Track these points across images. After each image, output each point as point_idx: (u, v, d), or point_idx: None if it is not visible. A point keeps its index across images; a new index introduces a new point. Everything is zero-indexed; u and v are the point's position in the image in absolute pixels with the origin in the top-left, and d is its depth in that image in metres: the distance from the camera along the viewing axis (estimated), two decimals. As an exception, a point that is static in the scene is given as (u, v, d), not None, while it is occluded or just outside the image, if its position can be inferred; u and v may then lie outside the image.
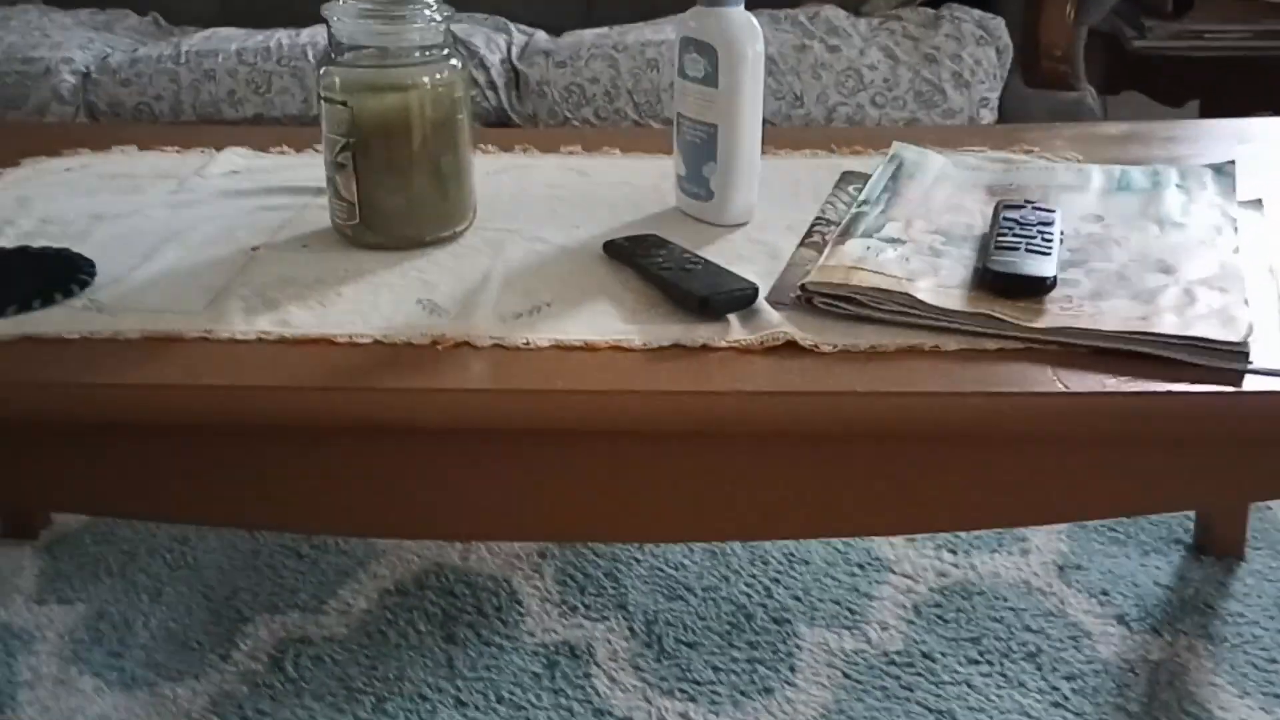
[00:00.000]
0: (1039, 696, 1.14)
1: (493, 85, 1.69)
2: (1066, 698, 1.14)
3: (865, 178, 0.96)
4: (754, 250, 0.87)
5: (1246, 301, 0.72)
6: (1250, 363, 0.67)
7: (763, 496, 0.71)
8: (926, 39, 1.65)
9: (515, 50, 1.74)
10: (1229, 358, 0.67)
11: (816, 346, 0.72)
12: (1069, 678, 1.16)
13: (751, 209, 0.93)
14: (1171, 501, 0.71)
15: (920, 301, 0.74)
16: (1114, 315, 0.72)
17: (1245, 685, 1.15)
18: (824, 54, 1.63)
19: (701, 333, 0.75)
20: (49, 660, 1.22)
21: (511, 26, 1.81)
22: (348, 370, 0.71)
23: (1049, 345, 0.71)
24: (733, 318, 0.76)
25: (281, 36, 1.81)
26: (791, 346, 0.72)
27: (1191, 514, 1.36)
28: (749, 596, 1.30)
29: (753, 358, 0.72)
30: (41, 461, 0.75)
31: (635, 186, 1.02)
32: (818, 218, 0.91)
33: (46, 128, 1.27)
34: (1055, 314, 0.73)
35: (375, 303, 0.80)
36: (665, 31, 1.68)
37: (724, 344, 0.73)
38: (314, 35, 1.81)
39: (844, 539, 1.38)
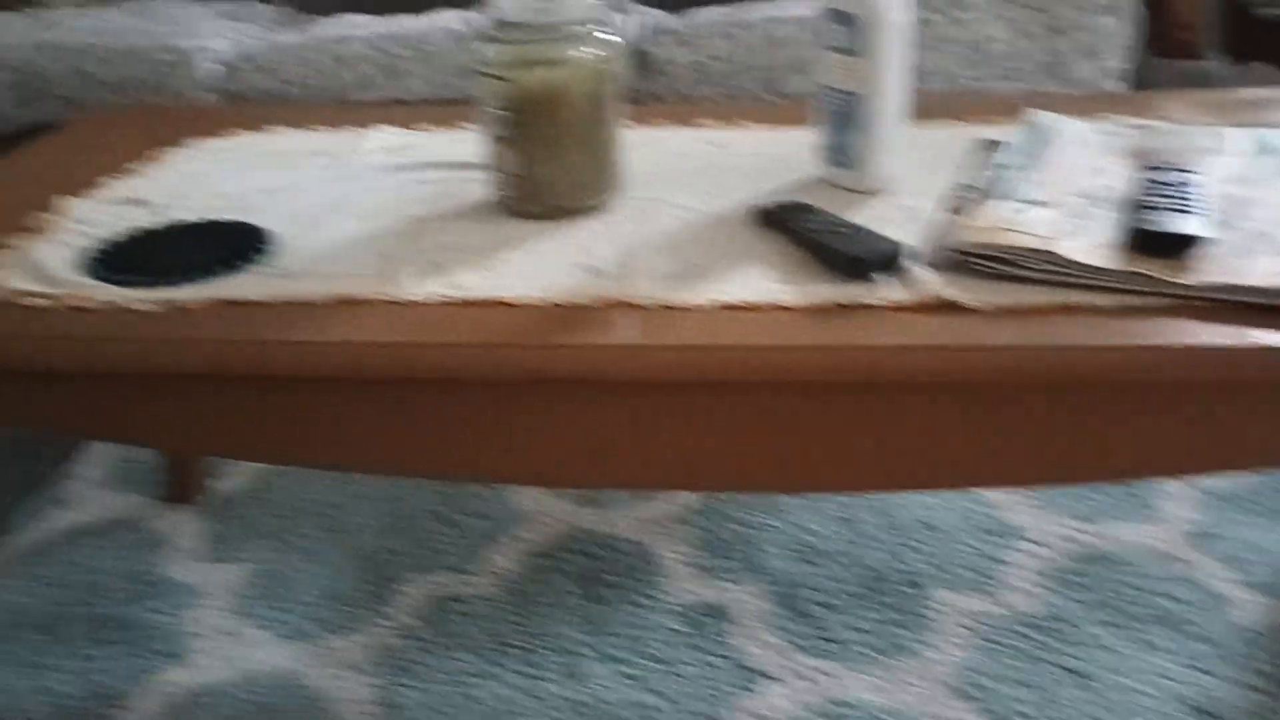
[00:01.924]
0: (1175, 659, 1.15)
1: (618, 66, 1.73)
2: (1203, 660, 1.14)
3: (1002, 144, 0.97)
4: (897, 215, 0.90)
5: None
6: None
7: (921, 449, 0.74)
8: (1052, 10, 1.64)
9: (638, 29, 1.78)
10: (1389, 309, 0.68)
11: (974, 304, 0.74)
12: (1204, 641, 1.16)
13: (893, 176, 0.95)
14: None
15: (1071, 260, 0.75)
16: (1260, 271, 0.73)
17: (1393, 651, 1.13)
18: (947, 28, 1.64)
19: (856, 292, 0.78)
20: (217, 614, 1.30)
21: (632, 5, 1.86)
22: (520, 328, 0.76)
23: (1199, 301, 0.72)
24: (883, 278, 0.79)
25: (408, 22, 1.89)
26: (946, 304, 0.75)
27: (1334, 482, 1.34)
28: (882, 561, 1.32)
29: (910, 315, 0.75)
30: (231, 415, 0.81)
31: (771, 156, 1.05)
32: (958, 183, 0.93)
33: (198, 110, 1.35)
34: (1204, 270, 0.74)
35: (538, 267, 0.85)
36: (788, 8, 1.70)
37: (879, 302, 0.76)
38: (440, 20, 1.88)
39: (976, 505, 1.39)
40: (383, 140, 1.16)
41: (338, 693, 1.17)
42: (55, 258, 0.89)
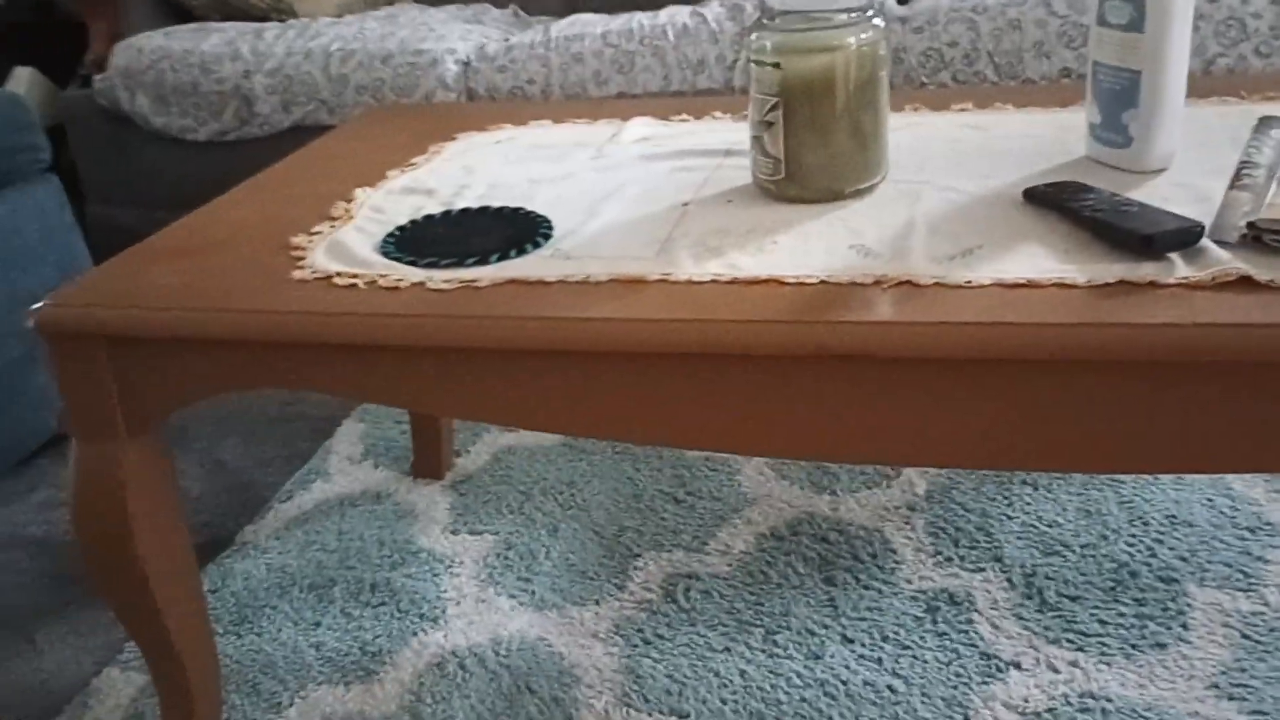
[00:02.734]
0: None
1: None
2: None
3: (1291, 119, 0.93)
4: (1179, 194, 0.87)
5: None
6: None
7: (1222, 429, 0.72)
8: (1317, -20, 1.55)
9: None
10: None
11: (1274, 281, 0.72)
12: None
13: (1172, 154, 0.92)
14: None
15: (1386, 235, 0.72)
16: None
17: None
18: (1203, 3, 1.56)
19: (1145, 270, 0.76)
20: (468, 582, 1.38)
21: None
22: (801, 306, 0.78)
23: None
24: (1175, 257, 0.77)
25: (641, 18, 1.93)
26: (1244, 282, 0.73)
27: None
28: (1131, 555, 1.28)
29: (1204, 293, 0.73)
30: (520, 387, 0.86)
31: (1036, 138, 1.03)
32: (1243, 161, 0.90)
33: (465, 107, 1.43)
34: None
35: (809, 249, 0.87)
36: (1025, -10, 1.66)
37: (1172, 280, 0.74)
38: (671, 15, 1.92)
39: (1231, 500, 1.33)
40: (640, 131, 1.21)
41: (583, 659, 1.22)
42: (359, 242, 0.96)
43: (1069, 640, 1.17)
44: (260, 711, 1.19)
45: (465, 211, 1.02)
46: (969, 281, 0.78)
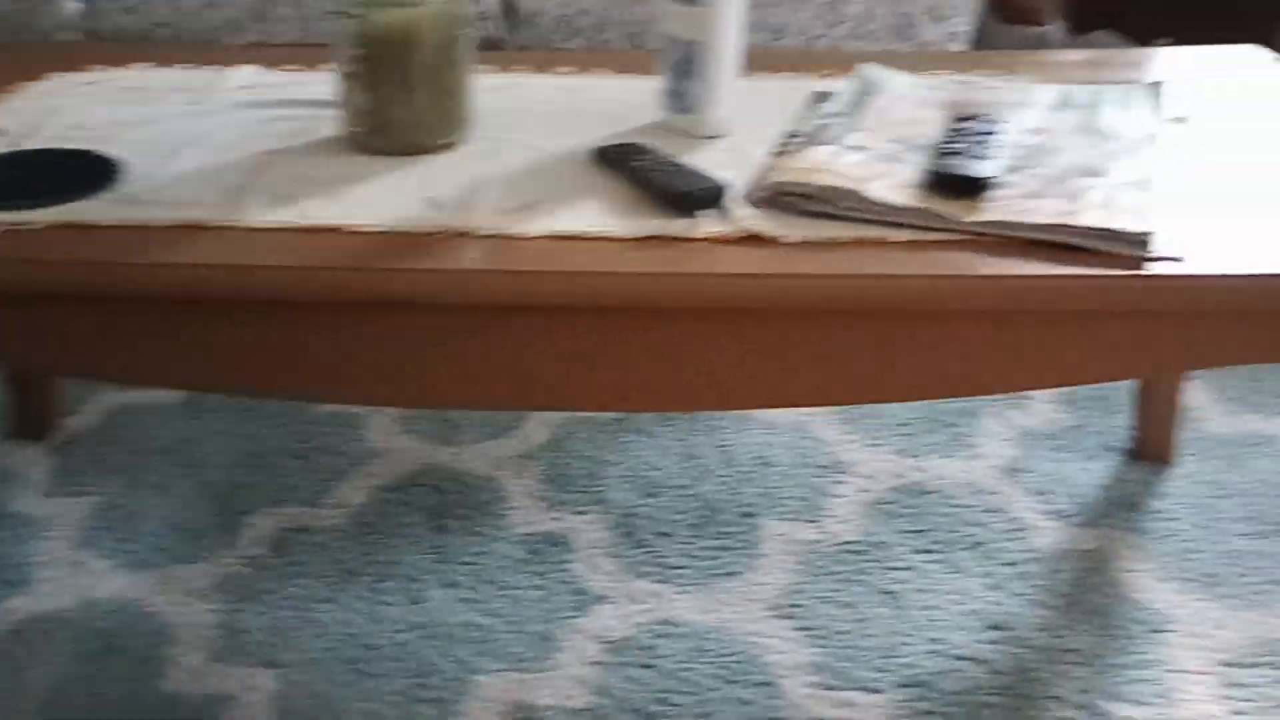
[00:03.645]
0: (979, 580, 1.25)
1: (485, 15, 1.75)
2: (1003, 581, 1.25)
3: (833, 95, 1.04)
4: (729, 158, 0.96)
5: (1154, 201, 0.82)
6: (1151, 250, 0.76)
7: (726, 370, 0.80)
8: (900, -25, 1.72)
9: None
10: (1134, 245, 0.77)
11: (780, 237, 0.81)
12: (1007, 564, 1.27)
13: (729, 122, 1.01)
14: (1084, 374, 0.81)
15: (872, 199, 0.82)
16: (1044, 211, 0.81)
17: (1164, 572, 1.26)
18: (801, -12, 1.70)
19: (678, 226, 0.83)
20: (61, 545, 1.30)
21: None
22: (359, 254, 0.79)
23: (984, 237, 0.80)
24: (706, 214, 0.85)
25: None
26: (757, 238, 0.81)
27: (1129, 423, 1.46)
28: (719, 494, 1.39)
29: (723, 246, 0.81)
30: (81, 335, 0.83)
31: (623, 103, 1.10)
32: (789, 130, 1.00)
33: (62, 46, 1.33)
34: (992, 210, 0.82)
35: (381, 199, 0.88)
36: (649, -36, 1.74)
37: (698, 235, 0.82)
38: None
39: (811, 441, 1.48)
40: (244, 79, 1.17)
41: (177, 618, 1.19)
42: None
43: (654, 574, 1.27)
44: None
45: (30, 152, 0.96)
46: (523, 233, 0.82)
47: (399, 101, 0.94)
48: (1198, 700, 1.10)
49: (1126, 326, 0.78)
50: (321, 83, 1.16)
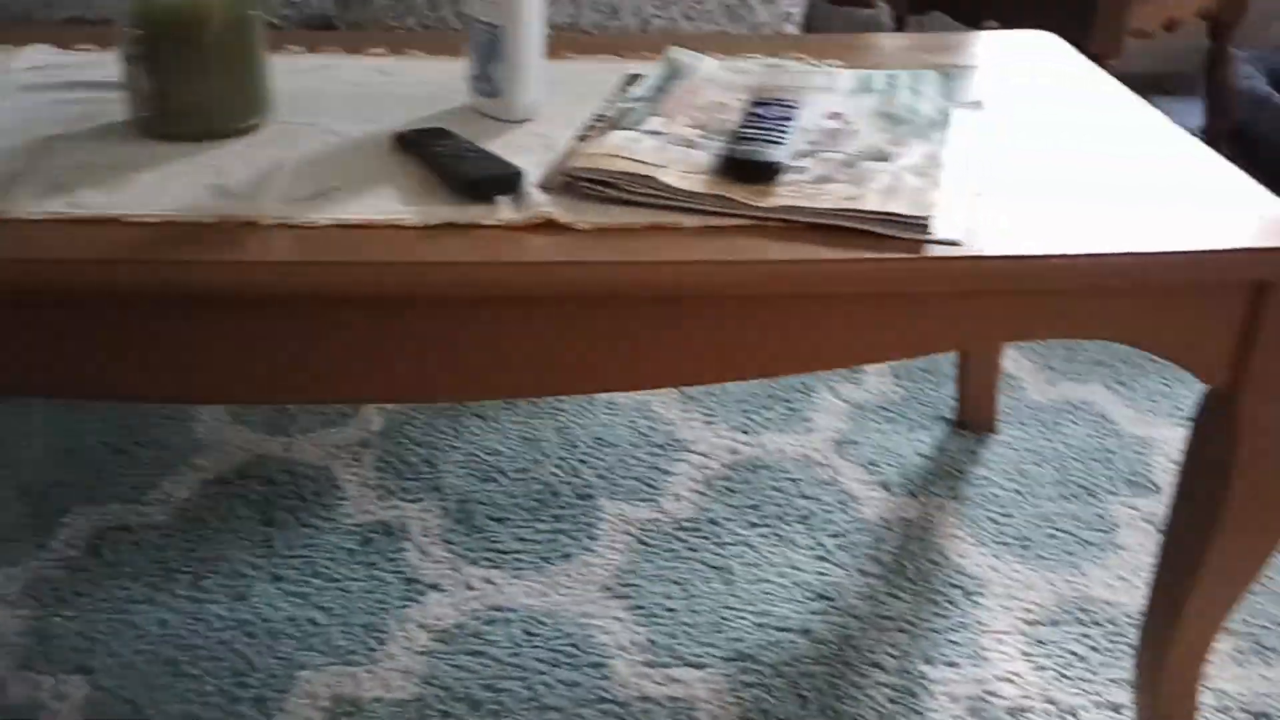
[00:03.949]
0: (807, 552, 1.28)
1: (311, -10, 1.70)
2: (830, 552, 1.28)
3: (641, 78, 1.04)
4: (534, 142, 0.95)
5: (939, 185, 0.84)
6: (931, 234, 0.78)
7: (519, 357, 0.80)
8: (732, -45, 1.73)
9: (335, -44, 1.76)
10: (914, 229, 0.79)
11: (573, 224, 0.81)
12: (834, 535, 1.31)
13: (536, 106, 1.00)
14: (875, 353, 0.83)
15: (665, 185, 0.83)
16: (831, 196, 0.82)
17: (981, 536, 1.31)
18: (635, -33, 1.70)
19: (473, 213, 0.82)
20: None
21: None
22: (134, 245, 0.76)
23: (774, 222, 0.81)
24: (503, 200, 0.84)
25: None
26: (552, 225, 0.81)
27: (956, 394, 1.51)
28: (557, 476, 1.39)
29: (517, 234, 0.80)
30: None
31: (434, 85, 1.08)
32: (596, 114, 0.99)
33: None
34: (782, 195, 0.83)
35: (167, 187, 0.85)
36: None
37: (492, 222, 0.81)
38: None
39: (651, 421, 1.49)
40: (34, 59, 1.11)
41: (-10, 627, 1.14)
42: None
43: (488, 559, 1.26)
44: None
45: None
46: (311, 222, 0.80)
47: (186, 85, 0.91)
48: (1005, 659, 1.15)
49: (913, 306, 0.80)
50: (116, 63, 1.12)
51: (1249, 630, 1.19)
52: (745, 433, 1.48)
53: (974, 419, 1.48)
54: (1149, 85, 2.64)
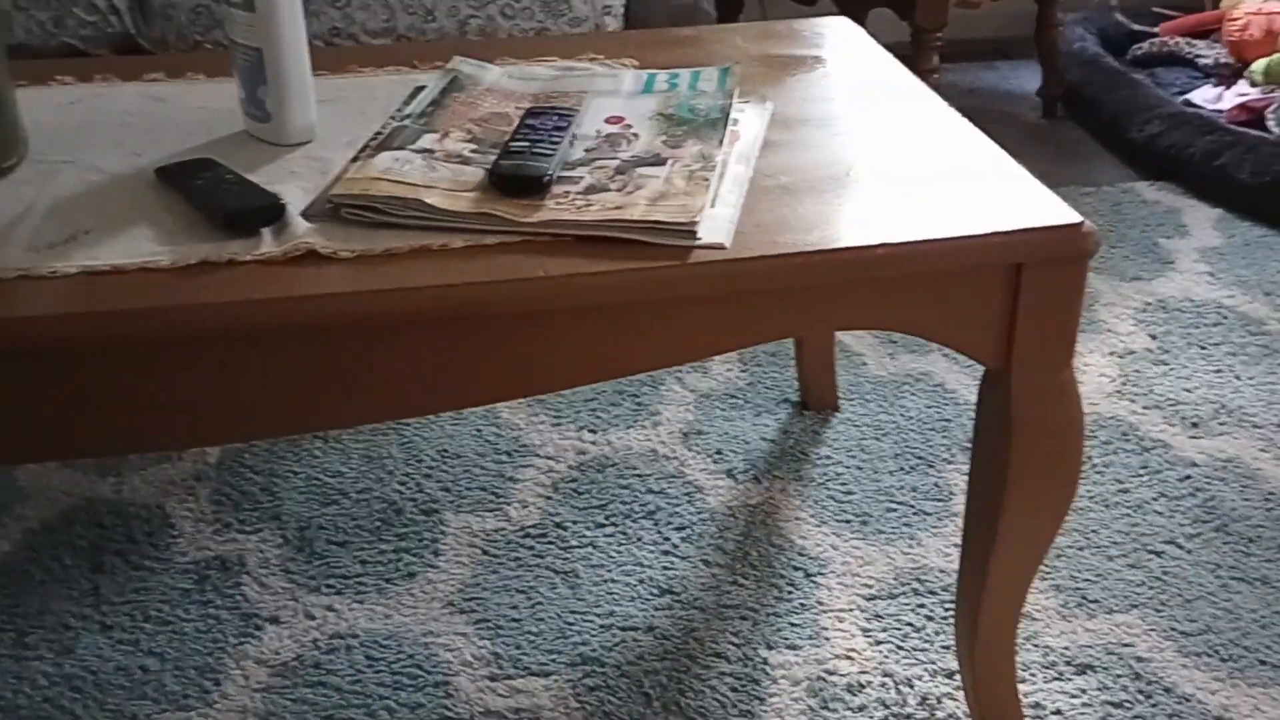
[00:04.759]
0: (652, 548, 1.28)
1: (114, 10, 1.64)
2: (676, 546, 1.29)
3: (421, 93, 1.02)
4: (308, 167, 0.93)
5: (709, 187, 0.84)
6: (696, 239, 0.78)
7: (288, 393, 0.78)
8: (550, -51, 1.72)
9: (137, -28, 1.70)
10: (678, 235, 0.78)
11: (335, 253, 0.79)
12: (680, 529, 1.31)
13: (311, 128, 0.97)
14: (651, 360, 0.83)
15: (430, 206, 0.81)
16: (598, 207, 0.82)
17: (822, 516, 1.32)
18: (452, -34, 1.67)
19: (233, 248, 0.80)
20: None
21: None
22: None
23: (542, 237, 0.80)
24: (266, 232, 0.82)
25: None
26: (315, 255, 0.79)
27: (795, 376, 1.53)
28: (401, 493, 1.37)
29: (277, 268, 0.78)
30: None
31: (211, 111, 1.04)
32: (376, 133, 0.97)
33: None
34: (549, 209, 0.82)
35: (-94, 243, 0.81)
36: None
37: (249, 258, 0.79)
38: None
39: (496, 428, 1.47)
40: None
41: None
42: None
43: (329, 586, 1.24)
44: None
45: None
46: (54, 271, 0.77)
47: (-77, 134, 0.87)
48: (844, 637, 1.17)
49: (684, 311, 0.80)
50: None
51: (1075, 585, 1.23)
52: (593, 431, 1.48)
53: (816, 399, 1.49)
54: (989, 51, 2.72)
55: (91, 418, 0.76)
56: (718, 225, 0.81)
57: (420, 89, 1.05)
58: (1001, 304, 0.81)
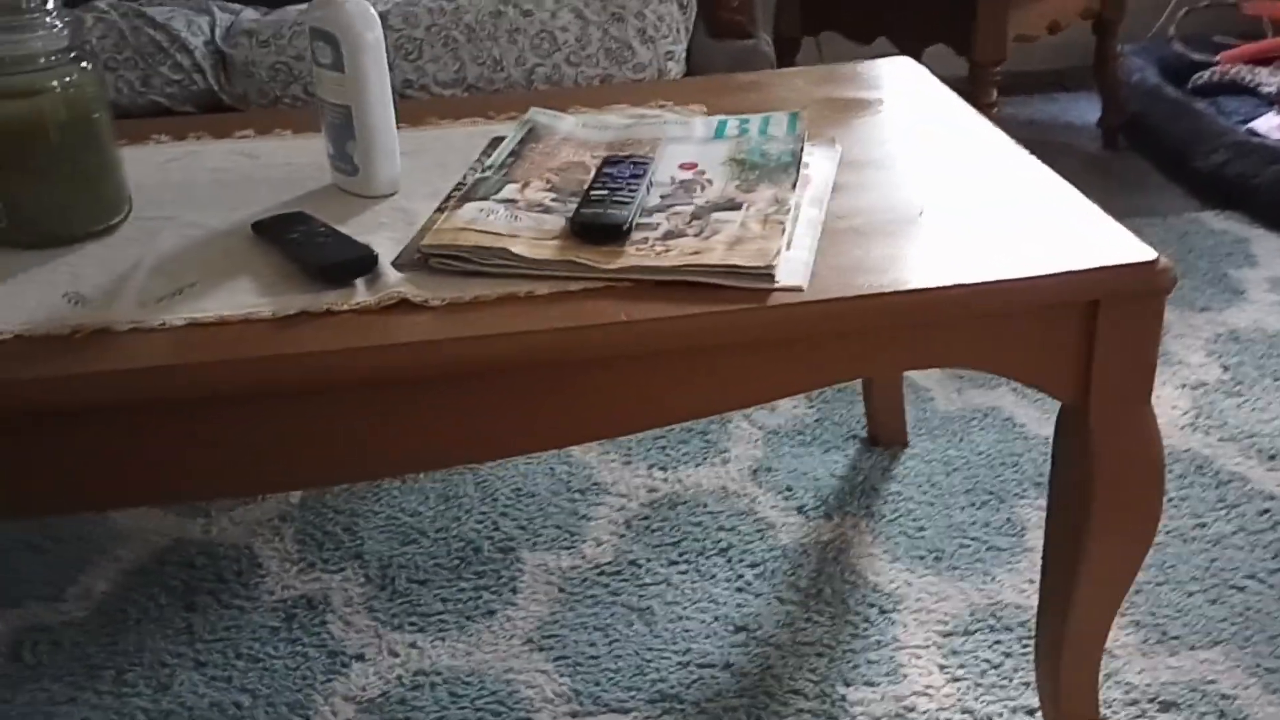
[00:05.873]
0: (726, 585, 1.30)
1: (199, 69, 1.71)
2: (750, 583, 1.30)
3: (500, 144, 1.06)
4: (395, 218, 0.97)
5: (784, 230, 0.86)
6: (774, 282, 0.80)
7: (387, 439, 0.81)
8: (613, -2, 1.76)
9: (219, 31, 1.77)
10: (756, 279, 0.81)
11: (427, 302, 0.82)
12: (753, 565, 1.32)
13: (396, 180, 1.01)
14: (734, 400, 0.85)
15: (516, 255, 0.84)
16: (677, 252, 0.84)
17: (896, 552, 1.33)
18: (518, 18, 1.72)
19: (329, 298, 0.83)
20: None
21: (214, 6, 1.83)
22: (-10, 364, 0.77)
23: (623, 282, 0.83)
24: (359, 282, 0.85)
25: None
26: (407, 303, 0.82)
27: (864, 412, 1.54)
28: (478, 532, 1.40)
29: (372, 317, 0.81)
30: None
31: (297, 166, 1.09)
32: (457, 184, 1.01)
33: None
34: (630, 255, 0.85)
35: (20, 300, 0.86)
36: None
37: (346, 307, 0.82)
38: None
39: (569, 467, 1.50)
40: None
41: (-91, 744, 1.14)
42: None
43: (412, 624, 1.27)
44: None
45: None
46: (164, 324, 0.81)
47: (31, 193, 0.91)
48: (921, 673, 1.17)
49: (763, 353, 0.82)
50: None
51: (1155, 622, 1.22)
52: (663, 469, 1.50)
53: (884, 435, 1.50)
54: (1047, 83, 2.72)
55: (198, 464, 0.80)
56: (794, 268, 0.83)
57: (498, 140, 1.08)
58: (1079, 340, 0.82)
